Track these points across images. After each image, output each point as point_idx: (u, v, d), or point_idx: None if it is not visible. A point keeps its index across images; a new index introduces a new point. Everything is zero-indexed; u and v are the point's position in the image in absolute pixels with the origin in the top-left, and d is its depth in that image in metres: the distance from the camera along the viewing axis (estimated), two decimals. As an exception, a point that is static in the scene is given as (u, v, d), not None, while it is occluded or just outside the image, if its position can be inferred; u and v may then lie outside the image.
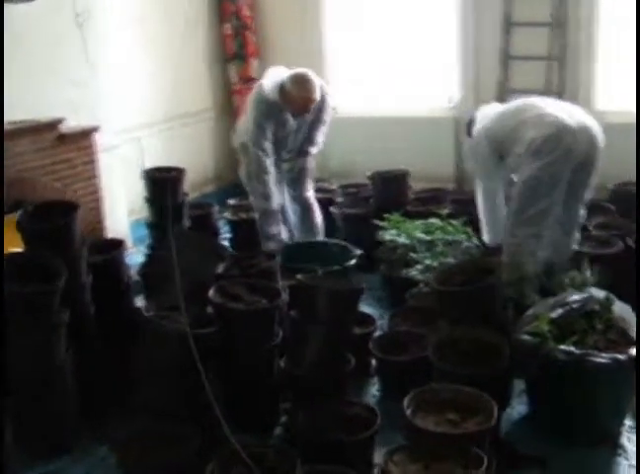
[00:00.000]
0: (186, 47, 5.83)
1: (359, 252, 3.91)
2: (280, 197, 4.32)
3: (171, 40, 5.62)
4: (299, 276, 2.98)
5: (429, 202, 4.77)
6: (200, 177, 5.98)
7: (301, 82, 3.98)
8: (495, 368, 2.67)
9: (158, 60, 5.50)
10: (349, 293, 2.92)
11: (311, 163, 4.52)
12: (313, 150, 4.45)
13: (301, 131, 4.30)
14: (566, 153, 3.42)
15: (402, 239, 4.00)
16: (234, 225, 4.84)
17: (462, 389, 2.45)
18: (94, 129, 4.20)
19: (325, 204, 4.79)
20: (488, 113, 3.90)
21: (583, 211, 3.79)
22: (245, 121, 4.24)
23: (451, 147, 5.86)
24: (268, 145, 4.08)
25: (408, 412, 2.36)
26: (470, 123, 3.99)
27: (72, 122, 4.07)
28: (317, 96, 4.01)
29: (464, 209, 4.36)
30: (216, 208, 5.00)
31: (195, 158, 5.87)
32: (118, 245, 3.61)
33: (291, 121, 4.17)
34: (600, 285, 3.26)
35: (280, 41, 6.19)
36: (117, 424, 2.83)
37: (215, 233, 4.97)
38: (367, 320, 3.45)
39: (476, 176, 3.98)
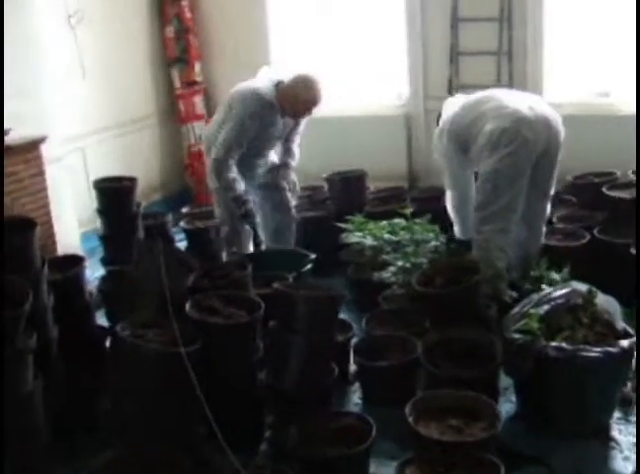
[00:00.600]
0: (127, 52, 5.62)
1: (313, 256, 3.82)
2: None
3: (112, 45, 5.40)
4: (276, 285, 2.87)
5: (388, 202, 4.70)
6: (146, 185, 5.72)
7: (310, 85, 3.86)
8: (487, 369, 2.61)
9: (99, 66, 5.28)
10: (330, 300, 2.82)
11: (293, 176, 4.41)
12: (293, 163, 4.36)
13: (281, 138, 4.19)
14: (524, 145, 3.40)
15: (368, 241, 3.92)
16: (190, 234, 4.65)
17: (462, 394, 2.38)
18: (41, 140, 3.97)
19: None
20: (452, 104, 3.86)
21: (548, 205, 3.79)
22: (217, 121, 4.04)
23: (403, 145, 5.82)
24: (238, 149, 3.91)
25: (410, 420, 2.27)
26: (439, 116, 3.95)
27: (17, 133, 3.84)
28: (321, 101, 3.92)
29: (427, 207, 4.29)
30: (170, 217, 4.81)
31: (140, 166, 5.65)
32: (77, 262, 3.41)
33: (279, 125, 4.02)
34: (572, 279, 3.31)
35: (223, 44, 6.04)
36: (93, 451, 2.66)
37: (171, 243, 4.79)
38: (344, 326, 3.36)
39: (443, 168, 3.94)
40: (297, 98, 3.88)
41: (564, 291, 2.89)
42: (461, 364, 2.64)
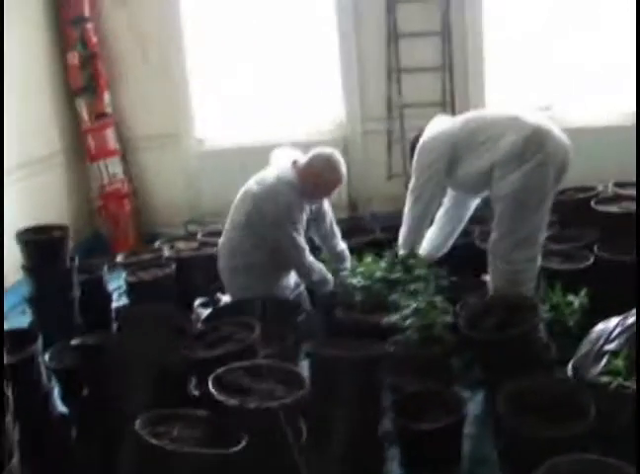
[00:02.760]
0: (25, 83, 4.87)
1: (307, 305, 3.33)
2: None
3: (6, 76, 4.64)
4: (311, 348, 2.35)
5: (353, 235, 4.25)
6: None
7: (333, 164, 3.49)
8: (583, 423, 2.21)
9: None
10: (379, 360, 2.34)
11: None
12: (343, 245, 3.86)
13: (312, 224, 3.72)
14: (550, 155, 3.10)
15: (358, 280, 3.48)
16: (134, 288, 3.97)
17: (593, 459, 1.96)
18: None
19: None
20: (441, 122, 3.49)
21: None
22: (238, 226, 3.57)
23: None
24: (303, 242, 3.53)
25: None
26: (416, 139, 3.56)
27: None
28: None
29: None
30: (105, 269, 4.13)
31: (46, 211, 4.91)
32: (30, 338, 2.71)
33: (307, 209, 3.57)
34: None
35: (133, 70, 5.42)
36: None
37: (107, 301, 4.11)
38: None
39: (420, 184, 3.48)
40: (319, 179, 3.47)
41: (621, 318, 2.57)
42: (549, 421, 2.22)
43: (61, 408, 2.90)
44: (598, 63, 5.03)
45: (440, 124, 3.48)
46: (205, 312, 3.82)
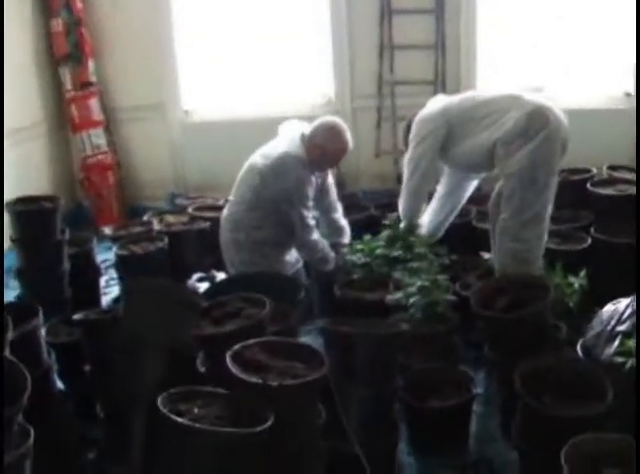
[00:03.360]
0: (7, 50, 4.70)
1: (305, 282, 3.30)
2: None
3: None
4: (327, 324, 2.32)
5: (348, 212, 4.19)
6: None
7: (337, 133, 3.45)
8: (602, 403, 2.21)
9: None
10: (397, 337, 2.32)
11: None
12: (346, 241, 3.78)
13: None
14: (555, 130, 3.08)
15: (358, 257, 3.45)
16: (125, 262, 3.88)
17: (618, 438, 1.96)
18: None
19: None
20: (439, 101, 3.47)
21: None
22: (242, 201, 3.53)
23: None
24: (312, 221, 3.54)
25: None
26: (411, 119, 3.53)
27: None
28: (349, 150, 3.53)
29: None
30: (94, 242, 4.04)
31: (29, 182, 4.78)
32: (30, 313, 2.61)
33: (313, 182, 3.53)
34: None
35: (119, 38, 5.27)
36: None
37: (96, 275, 4.03)
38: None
39: (416, 156, 3.42)
40: (325, 149, 3.44)
41: (629, 300, 2.58)
42: (565, 399, 2.22)
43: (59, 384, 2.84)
44: (590, 45, 5.03)
45: (439, 102, 3.45)
46: (202, 287, 3.78)
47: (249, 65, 5.33)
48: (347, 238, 3.78)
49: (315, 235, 3.56)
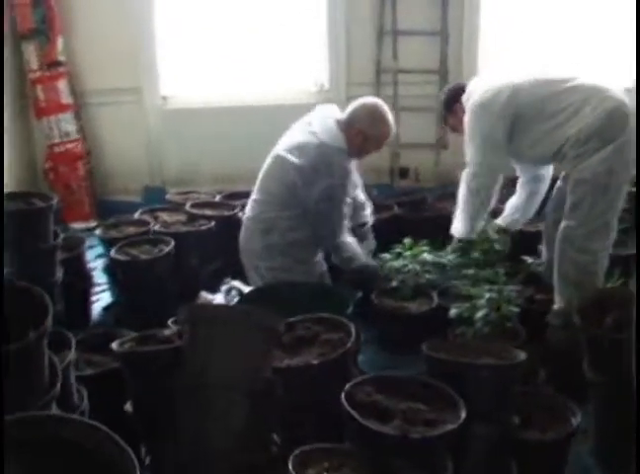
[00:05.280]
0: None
1: (357, 294, 2.94)
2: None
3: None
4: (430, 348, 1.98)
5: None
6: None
7: (380, 116, 3.16)
8: None
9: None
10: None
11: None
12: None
13: None
14: (632, 133, 2.77)
15: (404, 264, 3.12)
16: (125, 268, 3.39)
17: None
18: None
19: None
20: (484, 81, 3.08)
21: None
22: (275, 201, 3.19)
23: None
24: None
25: None
26: (457, 92, 3.18)
27: None
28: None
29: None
30: (86, 245, 3.55)
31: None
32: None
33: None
34: None
35: (93, 14, 4.71)
36: None
37: (87, 283, 3.53)
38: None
39: (474, 154, 3.06)
40: (367, 134, 3.14)
41: None
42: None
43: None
44: (592, 37, 4.87)
45: (492, 83, 3.03)
46: (216, 299, 3.35)
47: (236, 50, 4.89)
48: (371, 243, 3.49)
49: (349, 237, 3.22)
